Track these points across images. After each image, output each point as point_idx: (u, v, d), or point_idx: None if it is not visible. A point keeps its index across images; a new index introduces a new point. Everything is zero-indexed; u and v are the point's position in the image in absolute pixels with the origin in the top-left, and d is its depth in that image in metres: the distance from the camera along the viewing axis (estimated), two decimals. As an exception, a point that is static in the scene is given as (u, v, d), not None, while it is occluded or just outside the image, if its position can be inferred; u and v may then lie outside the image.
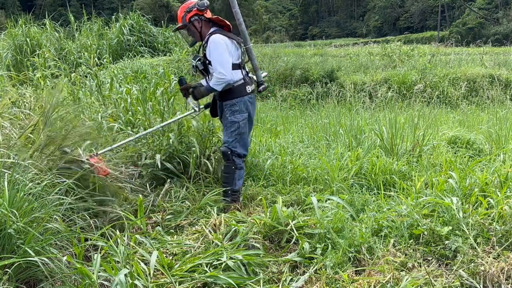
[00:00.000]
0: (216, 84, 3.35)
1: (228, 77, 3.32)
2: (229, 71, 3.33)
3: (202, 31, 3.50)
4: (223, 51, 3.31)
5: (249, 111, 3.47)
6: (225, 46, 3.33)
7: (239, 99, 3.41)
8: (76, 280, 2.29)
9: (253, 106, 3.54)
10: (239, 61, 3.44)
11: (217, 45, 3.32)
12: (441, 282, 2.26)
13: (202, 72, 3.53)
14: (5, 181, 2.39)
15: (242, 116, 3.43)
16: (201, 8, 3.42)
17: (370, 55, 16.04)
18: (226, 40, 3.37)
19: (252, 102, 3.53)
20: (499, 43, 24.15)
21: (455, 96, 10.12)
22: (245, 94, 3.44)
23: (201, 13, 3.45)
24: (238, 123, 3.43)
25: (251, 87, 3.49)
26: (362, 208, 3.24)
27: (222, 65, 3.30)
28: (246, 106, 3.45)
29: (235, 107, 3.42)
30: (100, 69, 8.89)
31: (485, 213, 2.72)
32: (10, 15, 17.16)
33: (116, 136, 4.07)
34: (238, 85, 3.40)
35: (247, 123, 3.50)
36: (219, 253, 2.57)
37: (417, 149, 4.44)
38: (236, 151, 3.46)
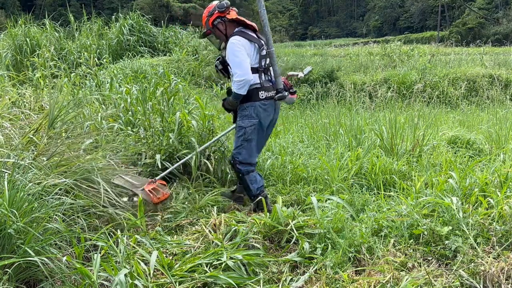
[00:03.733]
0: (238, 87, 3.21)
1: (247, 77, 3.18)
2: (247, 71, 3.18)
3: (227, 33, 3.38)
4: (239, 52, 3.20)
5: (260, 118, 3.32)
6: (242, 47, 3.21)
7: (249, 103, 3.29)
8: (76, 280, 2.29)
9: (266, 114, 3.34)
10: (257, 65, 3.30)
11: (233, 47, 3.22)
12: (441, 282, 2.26)
13: (222, 72, 3.43)
14: (5, 181, 2.39)
15: (250, 122, 3.31)
16: (221, 10, 3.33)
17: (370, 55, 16.05)
18: (244, 41, 3.25)
19: (266, 109, 3.33)
20: (499, 43, 24.15)
21: (455, 96, 10.12)
22: (257, 99, 3.29)
23: (223, 15, 3.35)
24: (245, 129, 3.32)
25: (267, 93, 3.32)
26: (362, 208, 3.24)
27: (239, 66, 3.19)
28: (257, 113, 3.30)
29: (245, 111, 3.32)
30: (100, 69, 8.90)
31: (485, 213, 2.72)
32: (10, 15, 17.16)
33: (116, 137, 4.07)
34: (252, 89, 3.27)
35: (257, 130, 3.35)
36: (219, 253, 2.56)
37: (417, 149, 4.44)
38: (238, 159, 3.36)
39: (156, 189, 3.50)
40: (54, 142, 3.19)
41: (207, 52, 12.00)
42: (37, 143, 3.19)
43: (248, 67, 3.20)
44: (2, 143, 3.06)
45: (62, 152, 3.18)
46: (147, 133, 4.26)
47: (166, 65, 10.28)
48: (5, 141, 3.14)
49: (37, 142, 3.20)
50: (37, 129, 3.40)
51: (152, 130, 4.27)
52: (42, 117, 3.51)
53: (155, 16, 20.28)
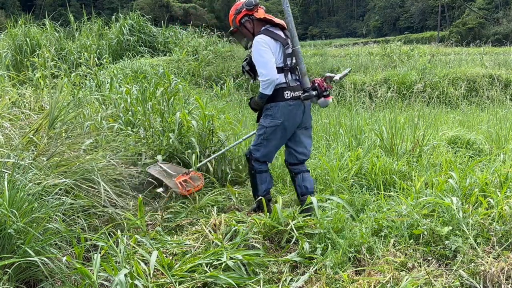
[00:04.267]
0: (263, 87, 3.13)
1: (272, 77, 3.08)
2: (272, 70, 3.09)
3: (255, 31, 3.29)
4: (264, 51, 3.11)
5: (284, 118, 3.18)
6: (266, 46, 3.12)
7: (273, 104, 3.19)
8: (76, 280, 2.29)
9: (291, 114, 3.20)
10: (283, 64, 3.20)
11: (258, 46, 3.13)
12: (441, 282, 2.26)
13: (249, 73, 3.35)
14: (5, 181, 2.39)
15: (272, 122, 3.19)
16: (249, 8, 3.23)
17: (370, 55, 16.04)
18: (269, 40, 3.15)
19: (292, 109, 3.20)
20: (499, 43, 24.13)
21: (455, 96, 10.12)
22: (282, 99, 3.17)
23: (251, 13, 3.25)
24: (266, 128, 3.22)
25: (293, 93, 3.20)
26: (362, 208, 3.24)
27: (263, 66, 3.10)
28: (282, 113, 3.18)
29: (269, 111, 3.22)
30: (100, 69, 8.90)
31: (485, 213, 2.72)
32: (10, 15, 17.16)
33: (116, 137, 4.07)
34: (277, 89, 3.16)
35: (279, 131, 3.23)
36: (219, 253, 2.56)
37: (417, 149, 4.44)
38: (255, 156, 3.28)
39: (187, 181, 3.53)
40: (54, 142, 3.20)
41: (207, 52, 12.01)
42: (37, 143, 3.19)
43: (273, 67, 3.11)
44: (2, 143, 3.06)
45: (62, 152, 3.18)
46: (147, 133, 4.26)
47: (166, 65, 10.28)
48: (5, 141, 3.15)
49: (37, 142, 3.20)
50: (37, 129, 3.40)
51: (152, 130, 4.27)
52: (42, 117, 3.51)
53: (155, 16, 20.30)
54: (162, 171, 3.66)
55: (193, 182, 3.61)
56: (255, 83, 3.44)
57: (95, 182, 3.08)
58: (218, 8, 48.01)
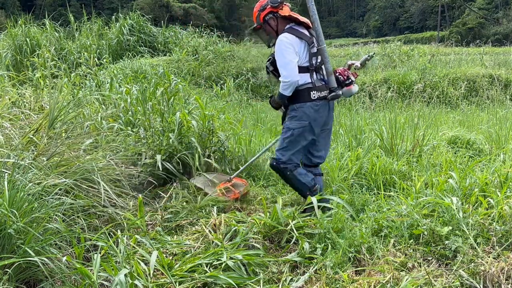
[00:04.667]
0: (283, 88, 3.05)
1: (292, 79, 3.00)
2: (293, 72, 3.01)
3: (278, 29, 3.21)
4: (287, 51, 3.02)
5: (310, 119, 3.09)
6: (290, 46, 3.02)
7: (299, 104, 3.09)
8: (76, 280, 2.29)
9: (318, 115, 3.11)
10: (308, 63, 3.10)
11: (281, 46, 3.04)
12: (441, 282, 2.26)
13: (274, 73, 3.23)
14: (5, 181, 2.39)
15: (299, 124, 3.10)
16: (274, 5, 3.15)
17: (370, 55, 16.02)
18: (294, 39, 3.05)
19: (318, 110, 3.11)
20: (499, 43, 24.13)
21: (455, 96, 10.12)
22: (308, 100, 3.07)
23: (276, 10, 3.16)
24: (293, 131, 3.11)
25: (319, 93, 3.10)
26: (362, 208, 3.24)
27: (285, 67, 3.01)
28: (308, 114, 3.08)
29: (294, 112, 3.12)
30: (100, 69, 8.90)
31: (485, 213, 2.72)
32: (10, 15, 17.16)
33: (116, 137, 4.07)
34: (302, 89, 3.07)
35: (307, 133, 3.13)
36: (219, 253, 2.56)
37: (417, 149, 4.44)
38: (281, 160, 3.16)
39: (228, 189, 3.62)
40: (54, 142, 3.20)
41: (207, 52, 12.01)
42: (37, 143, 3.19)
43: (294, 68, 3.02)
44: (2, 143, 3.06)
45: (62, 152, 3.18)
46: (147, 133, 4.26)
47: (166, 65, 10.28)
48: (5, 141, 3.14)
49: (37, 142, 3.20)
50: (37, 129, 3.40)
51: (152, 130, 4.27)
52: (42, 117, 3.51)
53: (155, 16, 20.30)
54: (206, 181, 3.75)
55: (234, 189, 3.63)
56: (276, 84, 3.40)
57: (95, 182, 3.08)
58: (218, 8, 48.02)
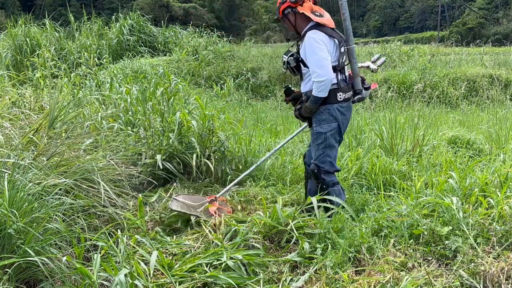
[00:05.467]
0: (319, 89, 2.89)
1: (328, 77, 2.87)
2: (328, 70, 2.87)
3: (297, 25, 3.08)
4: (319, 48, 2.88)
5: (338, 121, 3.01)
6: (322, 44, 2.90)
7: (326, 106, 2.98)
8: (76, 280, 2.29)
9: (344, 117, 3.04)
10: (336, 63, 3.00)
11: (313, 42, 2.89)
12: (441, 282, 2.26)
13: (293, 70, 3.08)
14: (5, 181, 2.39)
15: (330, 126, 3.00)
16: (292, 0, 3.02)
17: (370, 55, 16.03)
18: (324, 37, 2.92)
19: (344, 112, 3.03)
20: (499, 43, 24.12)
21: (455, 96, 10.12)
22: (335, 101, 2.97)
23: (294, 5, 3.02)
24: (325, 135, 3.01)
25: (345, 94, 3.01)
26: (362, 208, 3.24)
27: (319, 65, 2.87)
28: (335, 116, 2.99)
29: (322, 115, 3.01)
30: (100, 69, 8.91)
31: (485, 213, 2.71)
32: (10, 15, 17.17)
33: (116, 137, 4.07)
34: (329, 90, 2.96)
35: (337, 134, 3.05)
36: (219, 253, 2.56)
37: (417, 149, 4.44)
38: (324, 168, 3.04)
39: (220, 209, 3.36)
40: (54, 142, 3.20)
41: (207, 52, 12.01)
42: (37, 143, 3.19)
43: (329, 66, 2.89)
44: (2, 143, 3.06)
45: (62, 152, 3.18)
46: (147, 133, 4.26)
47: (166, 65, 10.29)
48: (5, 141, 3.15)
49: (37, 142, 3.20)
50: (37, 129, 3.40)
51: (152, 130, 4.27)
52: (42, 117, 3.51)
53: (155, 16, 20.31)
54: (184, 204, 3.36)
55: (225, 208, 3.44)
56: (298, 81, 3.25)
57: (95, 182, 3.08)
58: (218, 8, 48.02)
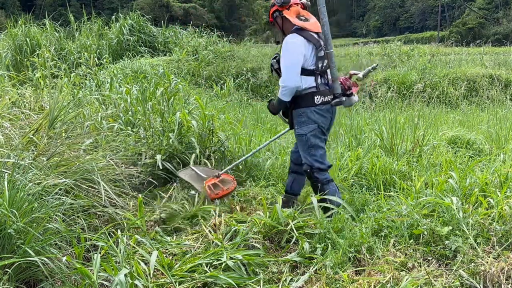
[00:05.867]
0: (281, 94, 2.99)
1: (291, 84, 2.94)
2: (293, 77, 2.94)
3: (284, 28, 3.14)
4: (292, 54, 2.95)
5: (318, 122, 3.06)
6: (297, 49, 2.95)
7: (303, 109, 3.05)
8: (76, 280, 2.29)
9: (323, 119, 3.08)
10: (314, 67, 3.02)
11: (287, 47, 2.96)
12: (441, 282, 2.26)
13: (277, 71, 3.15)
14: (5, 181, 2.39)
15: (309, 128, 3.07)
16: (279, 4, 3.08)
17: (370, 55, 16.04)
18: (301, 41, 2.96)
19: (323, 114, 3.07)
20: (499, 43, 24.12)
21: (455, 96, 10.12)
22: (311, 105, 3.02)
23: (281, 9, 3.09)
24: (306, 136, 3.09)
25: (323, 97, 3.05)
26: (362, 208, 3.24)
27: (286, 70, 2.96)
28: (314, 118, 3.05)
29: (301, 118, 3.08)
30: (100, 69, 8.91)
31: (485, 213, 2.72)
32: (10, 15, 17.16)
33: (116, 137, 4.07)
34: (306, 93, 3.02)
35: (319, 133, 3.10)
36: (219, 253, 2.56)
37: (417, 149, 4.44)
38: (315, 167, 3.10)
39: (216, 185, 3.47)
40: (54, 142, 3.20)
41: (207, 52, 12.01)
42: (37, 143, 3.19)
43: (296, 73, 2.95)
44: (2, 143, 3.06)
45: (62, 152, 3.18)
46: (147, 133, 4.26)
47: (166, 65, 10.28)
48: (5, 141, 3.15)
49: (37, 142, 3.20)
50: (37, 129, 3.40)
51: (152, 130, 4.27)
52: (42, 117, 3.51)
53: (155, 16, 20.30)
54: (193, 175, 3.57)
55: (222, 185, 3.52)
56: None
57: (95, 182, 3.08)
58: (218, 8, 48.03)
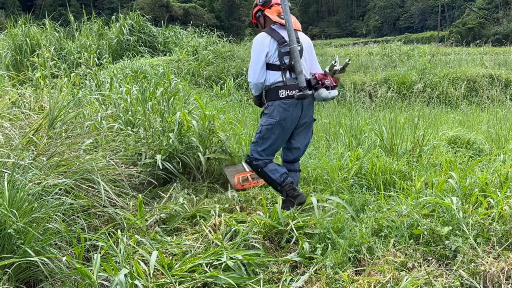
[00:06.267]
0: (251, 88, 3.22)
1: (253, 80, 3.11)
2: (255, 73, 3.10)
3: (265, 28, 3.26)
4: (255, 52, 3.11)
5: (281, 118, 3.11)
6: (261, 46, 3.09)
7: (270, 103, 3.15)
8: (76, 280, 2.29)
9: (287, 113, 3.13)
10: (278, 62, 3.11)
11: (254, 45, 3.14)
12: (441, 282, 2.26)
13: None
14: (5, 181, 2.39)
15: (267, 121, 3.14)
16: (261, 3, 3.22)
17: (370, 55, 16.05)
18: (266, 39, 3.10)
19: (287, 108, 3.12)
20: (499, 43, 24.14)
21: (455, 96, 10.12)
22: (276, 98, 3.10)
23: (263, 9, 3.23)
24: (261, 127, 3.16)
25: (287, 92, 3.11)
26: (362, 208, 3.24)
27: (250, 67, 3.14)
28: (277, 112, 3.10)
29: (266, 110, 3.18)
30: (100, 69, 8.90)
31: (485, 213, 2.72)
32: (10, 15, 17.16)
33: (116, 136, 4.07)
34: (273, 88, 3.11)
35: (276, 130, 3.15)
36: (219, 253, 2.57)
37: (417, 149, 4.44)
38: (253, 156, 3.20)
39: (246, 178, 4.04)
40: (54, 142, 3.20)
41: (207, 52, 12.00)
42: (37, 143, 3.19)
43: (258, 71, 3.09)
44: (2, 143, 3.06)
45: (62, 152, 3.18)
46: (147, 133, 4.26)
47: (166, 65, 10.27)
48: (5, 141, 3.15)
49: (37, 142, 3.20)
50: (37, 129, 3.40)
51: (152, 130, 4.27)
52: (42, 117, 3.51)
53: (155, 16, 20.29)
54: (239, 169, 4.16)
55: (251, 180, 4.03)
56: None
57: (95, 182, 3.08)
58: (218, 8, 48.04)
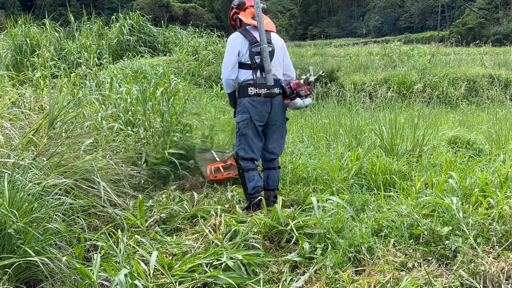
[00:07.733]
0: (223, 85, 3.37)
1: (224, 76, 3.28)
2: (225, 71, 3.27)
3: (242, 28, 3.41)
4: (227, 51, 3.27)
5: (250, 113, 3.29)
6: (233, 45, 3.26)
7: (240, 100, 3.33)
8: (76, 280, 2.29)
9: (256, 110, 3.29)
10: (250, 61, 3.27)
11: (227, 43, 3.30)
12: (441, 282, 2.26)
13: None
14: (5, 181, 2.39)
15: (242, 117, 3.32)
16: (236, 6, 3.40)
17: (370, 55, 16.05)
18: (238, 38, 3.27)
19: (255, 105, 3.28)
20: (499, 43, 24.13)
21: (455, 96, 10.12)
22: (245, 95, 3.28)
23: (238, 11, 3.40)
24: (238, 124, 3.34)
25: (256, 89, 3.27)
26: (362, 208, 3.24)
27: (223, 63, 3.28)
28: (247, 108, 3.29)
29: (238, 107, 3.36)
30: (100, 69, 8.90)
31: (485, 213, 2.72)
32: (10, 15, 17.15)
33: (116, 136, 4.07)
34: (244, 85, 3.28)
35: (251, 125, 3.31)
36: (219, 253, 2.56)
37: (417, 149, 4.44)
38: (239, 155, 3.36)
39: (218, 169, 4.00)
40: (54, 142, 3.20)
41: (207, 52, 12.00)
42: (37, 143, 3.19)
43: (228, 67, 3.25)
44: (2, 143, 3.06)
45: (62, 152, 3.18)
46: (147, 133, 4.26)
47: (166, 65, 10.26)
48: (5, 141, 3.15)
49: (37, 142, 3.20)
50: (37, 129, 3.40)
51: (152, 130, 4.27)
52: (42, 117, 3.51)
53: (155, 16, 20.28)
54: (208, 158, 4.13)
55: (223, 171, 4.00)
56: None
57: (95, 182, 3.08)
58: (218, 8, 48.06)
